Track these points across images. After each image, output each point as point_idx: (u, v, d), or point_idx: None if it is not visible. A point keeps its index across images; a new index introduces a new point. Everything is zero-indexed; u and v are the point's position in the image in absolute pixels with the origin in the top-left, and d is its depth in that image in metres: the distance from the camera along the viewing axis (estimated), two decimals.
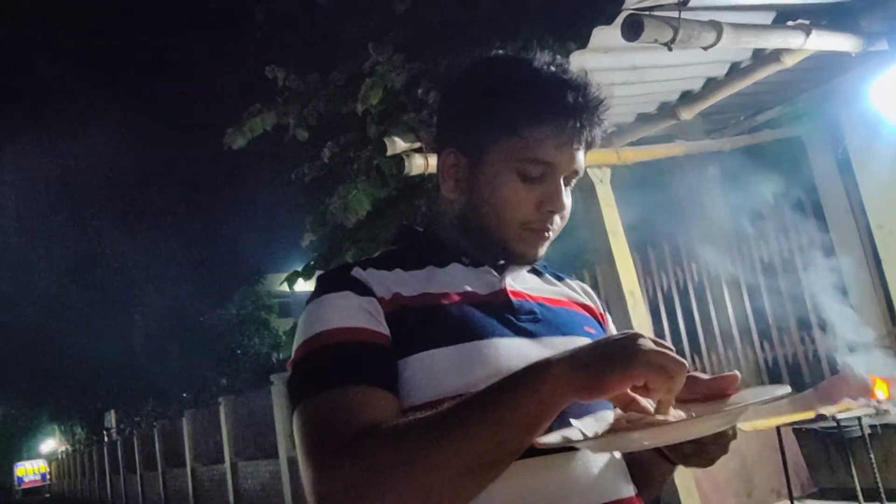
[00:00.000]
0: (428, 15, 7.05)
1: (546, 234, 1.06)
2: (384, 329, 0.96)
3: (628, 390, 0.81)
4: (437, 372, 0.94)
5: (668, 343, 0.82)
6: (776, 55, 2.99)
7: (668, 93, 3.43)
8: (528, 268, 1.16)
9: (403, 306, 1.00)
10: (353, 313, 0.96)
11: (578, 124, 1.02)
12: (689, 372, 0.79)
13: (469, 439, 0.80)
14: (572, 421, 0.91)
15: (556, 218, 1.06)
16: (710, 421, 0.84)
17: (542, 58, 1.06)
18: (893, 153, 4.11)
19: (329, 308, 0.98)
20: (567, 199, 1.07)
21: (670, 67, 3.08)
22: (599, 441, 0.83)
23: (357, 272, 1.03)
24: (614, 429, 0.83)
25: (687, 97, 3.46)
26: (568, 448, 0.93)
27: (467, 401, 0.83)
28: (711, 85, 3.34)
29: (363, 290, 1.00)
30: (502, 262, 1.11)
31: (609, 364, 0.78)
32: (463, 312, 1.01)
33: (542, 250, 1.09)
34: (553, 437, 0.87)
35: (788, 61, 2.98)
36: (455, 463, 0.80)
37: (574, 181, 1.08)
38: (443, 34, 6.81)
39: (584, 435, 0.86)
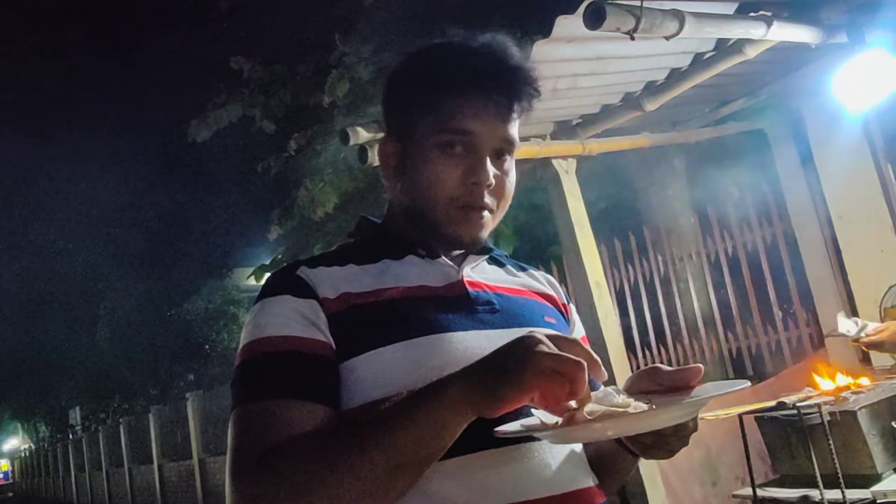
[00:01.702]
0: (396, 6, 7.00)
1: (478, 211, 1.04)
2: (321, 335, 0.95)
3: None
4: (386, 369, 0.93)
5: (574, 336, 0.81)
6: (739, 46, 3.01)
7: (633, 83, 3.44)
8: (486, 258, 1.15)
9: (352, 305, 0.98)
10: (289, 321, 0.95)
11: (494, 91, 1.01)
12: (588, 369, 0.76)
13: (367, 464, 0.79)
14: (533, 411, 0.89)
15: (486, 193, 1.03)
16: (671, 412, 0.83)
17: (461, 34, 1.06)
18: (853, 145, 4.17)
19: (266, 314, 0.97)
20: (507, 174, 1.06)
21: (634, 58, 3.08)
22: (558, 431, 0.82)
23: (303, 272, 1.01)
24: (573, 419, 0.81)
25: (651, 88, 3.46)
26: (526, 439, 0.93)
27: (368, 421, 0.83)
28: (675, 76, 3.36)
29: (305, 292, 0.98)
30: (459, 252, 1.10)
31: (502, 379, 0.77)
32: (416, 307, 1.00)
33: (482, 231, 1.06)
34: (512, 427, 0.86)
35: (751, 52, 2.99)
36: (354, 486, 0.79)
37: (509, 155, 1.06)
38: (410, 26, 6.77)
39: (543, 424, 0.85)
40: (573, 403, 0.80)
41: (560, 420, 0.82)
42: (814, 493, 3.04)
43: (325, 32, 7.96)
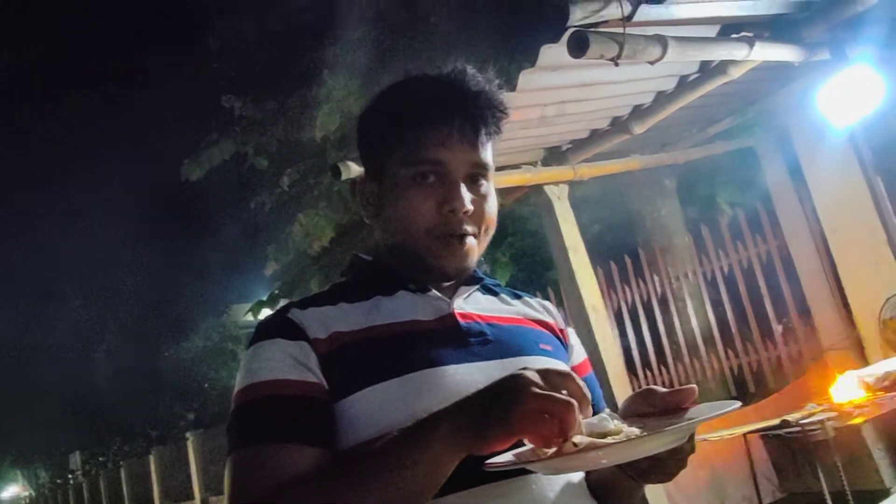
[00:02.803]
0: (383, 40, 7.07)
1: (459, 239, 1.04)
2: (313, 377, 0.95)
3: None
4: (380, 407, 0.92)
5: (567, 370, 0.80)
6: (722, 67, 3.04)
7: (620, 108, 3.47)
8: (478, 287, 1.14)
9: (343, 343, 0.98)
10: (280, 364, 0.95)
11: (458, 117, 1.02)
12: (582, 404, 0.76)
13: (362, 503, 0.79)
14: (525, 440, 0.88)
15: (462, 219, 1.02)
16: (660, 438, 0.82)
17: (426, 70, 1.08)
18: (841, 159, 4.20)
19: (257, 359, 0.97)
20: (486, 199, 1.05)
21: (620, 83, 3.11)
22: (549, 462, 0.80)
23: (294, 314, 1.01)
24: (561, 450, 0.80)
25: (638, 112, 3.49)
26: (524, 472, 0.92)
27: (358, 462, 0.83)
28: (662, 99, 3.39)
29: (296, 334, 0.98)
30: (449, 283, 1.10)
31: (489, 420, 0.77)
32: (407, 343, 1.00)
33: (467, 259, 1.06)
34: (503, 458, 0.85)
35: (735, 73, 3.03)
36: None
37: (484, 179, 1.06)
38: (398, 60, 6.84)
39: (535, 454, 0.84)
40: None
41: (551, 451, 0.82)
42: None
43: (314, 68, 8.02)
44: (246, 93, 9.19)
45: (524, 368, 0.80)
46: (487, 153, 1.05)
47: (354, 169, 2.96)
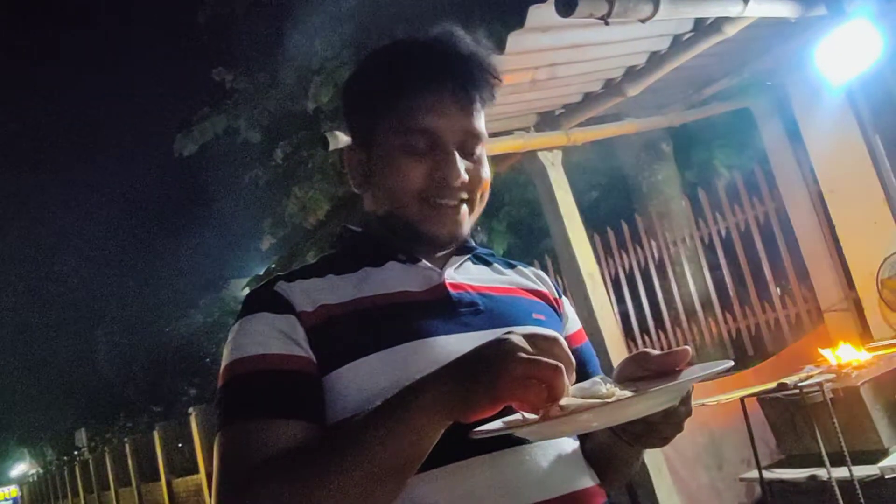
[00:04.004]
0: (375, 9, 6.96)
1: (451, 207, 1.02)
2: (301, 350, 0.93)
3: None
4: (369, 379, 0.91)
5: (554, 335, 0.77)
6: (717, 25, 2.97)
7: (613, 70, 3.39)
8: (470, 256, 1.12)
9: (331, 316, 0.96)
10: (267, 338, 0.93)
11: (450, 84, 0.99)
12: (568, 369, 0.73)
13: (346, 479, 0.78)
14: (514, 407, 0.86)
15: (455, 188, 1.00)
16: (649, 399, 0.79)
17: (414, 34, 1.04)
18: (838, 118, 4.13)
19: (244, 334, 0.95)
20: (478, 167, 1.03)
21: (612, 44, 3.04)
22: (536, 427, 0.78)
23: (280, 287, 0.99)
24: (548, 414, 0.78)
25: (632, 73, 3.42)
26: (514, 442, 0.90)
27: (344, 435, 0.82)
28: (655, 59, 3.31)
29: (282, 307, 0.96)
30: (441, 253, 1.07)
31: (474, 387, 0.75)
32: (396, 314, 0.98)
33: (460, 227, 1.04)
34: (492, 426, 0.83)
35: (730, 31, 2.95)
36: (337, 501, 0.78)
37: (478, 147, 1.03)
38: (390, 28, 6.72)
39: (524, 420, 0.81)
40: None
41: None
42: (821, 472, 3.01)
43: (306, 39, 7.91)
44: (236, 65, 9.09)
45: (509, 332, 0.77)
46: (481, 121, 1.03)
47: (342, 139, 2.91)
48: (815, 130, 4.34)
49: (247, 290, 9.11)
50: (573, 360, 0.76)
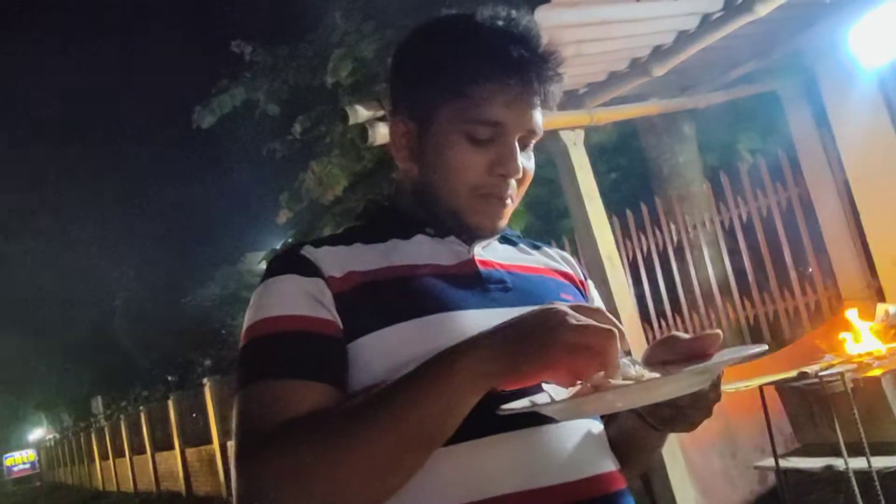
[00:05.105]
0: None
1: (502, 201, 1.00)
2: (328, 314, 0.91)
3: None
4: (395, 348, 0.89)
5: (597, 306, 0.75)
6: (748, 5, 2.90)
7: (640, 48, 3.33)
8: (497, 237, 1.10)
9: (359, 283, 0.94)
10: (295, 300, 0.92)
11: (526, 79, 0.96)
12: (619, 337, 0.72)
13: (372, 444, 0.76)
14: (544, 385, 0.86)
15: (512, 183, 0.99)
16: (680, 381, 0.78)
17: (486, 12, 0.99)
18: (869, 104, 4.05)
19: (271, 294, 0.94)
20: (528, 162, 1.02)
21: (640, 21, 2.99)
22: (564, 405, 0.78)
23: (307, 251, 0.97)
24: (579, 394, 0.77)
25: (658, 52, 3.36)
26: (539, 421, 0.89)
27: (373, 399, 0.80)
28: (683, 38, 3.25)
29: (310, 270, 0.95)
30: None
31: (523, 353, 0.73)
32: (425, 285, 0.96)
33: (501, 221, 1.03)
34: (519, 404, 0.82)
35: (761, 10, 2.89)
36: (358, 467, 0.77)
37: (532, 143, 1.02)
38: (412, 1, 6.65)
39: (552, 400, 0.80)
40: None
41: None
42: (838, 462, 2.98)
43: (327, 11, 7.84)
44: (256, 38, 9.04)
45: (554, 302, 0.76)
46: (541, 117, 1.01)
47: (363, 113, 2.88)
48: (843, 116, 4.25)
49: (263, 264, 9.13)
50: (622, 328, 0.75)
